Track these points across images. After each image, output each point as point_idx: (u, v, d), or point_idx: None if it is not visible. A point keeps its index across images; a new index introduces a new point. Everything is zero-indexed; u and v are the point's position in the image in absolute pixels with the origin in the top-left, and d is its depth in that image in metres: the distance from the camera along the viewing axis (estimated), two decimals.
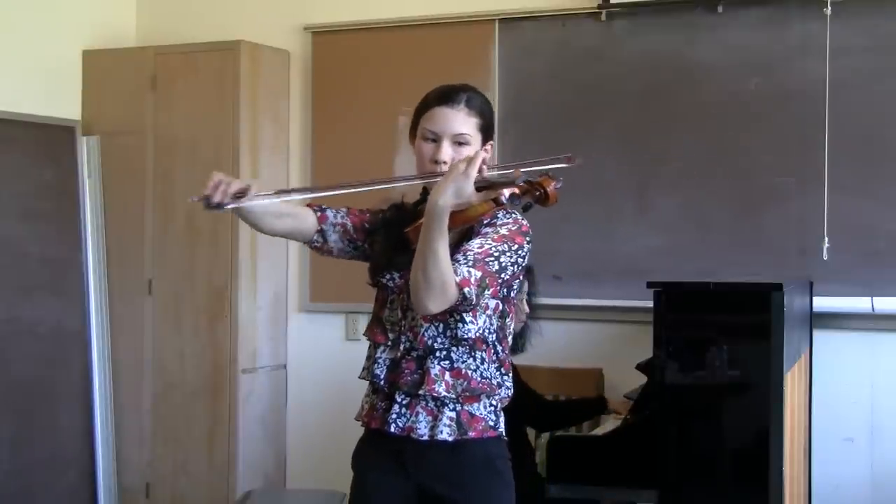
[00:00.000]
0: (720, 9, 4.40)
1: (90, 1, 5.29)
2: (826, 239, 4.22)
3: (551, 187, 2.22)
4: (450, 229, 2.25)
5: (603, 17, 4.56)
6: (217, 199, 2.33)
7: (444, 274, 2.22)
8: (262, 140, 5.03)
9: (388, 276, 2.47)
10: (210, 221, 4.91)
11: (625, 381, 4.24)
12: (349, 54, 5.01)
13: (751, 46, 4.37)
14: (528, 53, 4.72)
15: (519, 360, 4.07)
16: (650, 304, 3.48)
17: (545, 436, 4.13)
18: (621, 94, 4.57)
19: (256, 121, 4.99)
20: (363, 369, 2.53)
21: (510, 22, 4.73)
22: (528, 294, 3.94)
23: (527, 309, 3.92)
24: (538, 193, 2.23)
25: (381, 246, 2.51)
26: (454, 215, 2.24)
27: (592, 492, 3.65)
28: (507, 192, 2.24)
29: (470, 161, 2.24)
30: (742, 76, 4.38)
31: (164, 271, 5.06)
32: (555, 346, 4.26)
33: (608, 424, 3.96)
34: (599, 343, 4.58)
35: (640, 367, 3.93)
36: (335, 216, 2.56)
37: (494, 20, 4.74)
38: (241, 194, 2.35)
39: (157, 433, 5.08)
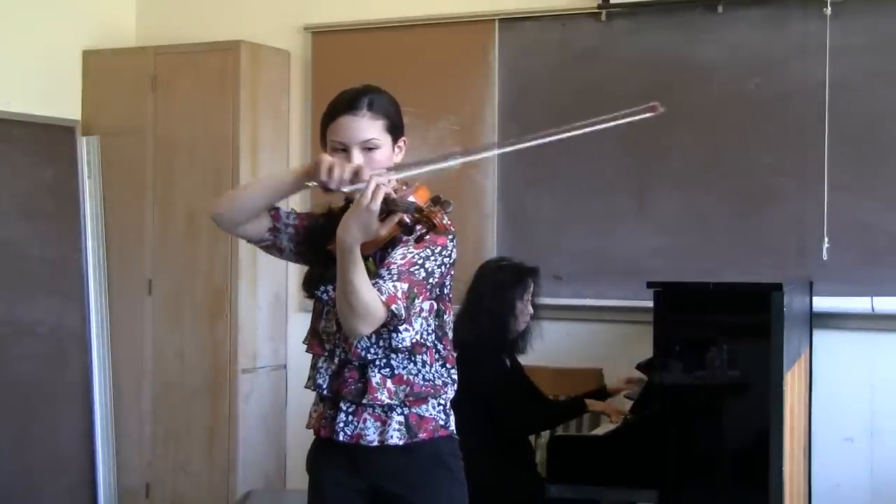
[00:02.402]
0: (720, 9, 4.40)
1: (90, 1, 5.29)
2: (826, 239, 4.22)
3: (437, 219, 2.17)
4: (364, 254, 2.25)
5: (603, 17, 4.56)
6: (334, 185, 2.28)
7: (367, 301, 2.22)
8: (262, 140, 5.03)
9: (321, 289, 2.46)
10: (210, 221, 4.89)
11: None
12: (349, 54, 5.00)
13: (751, 46, 4.37)
14: (528, 53, 4.72)
15: (519, 360, 4.08)
16: (650, 304, 3.48)
17: (545, 436, 4.14)
18: (621, 94, 4.55)
19: (256, 121, 4.99)
20: (308, 379, 2.53)
21: (510, 22, 4.73)
22: (533, 295, 3.95)
23: (531, 310, 3.93)
24: (428, 225, 2.19)
25: (310, 259, 2.51)
26: (366, 243, 2.24)
27: (592, 492, 3.64)
28: (406, 218, 2.20)
29: (372, 195, 2.19)
30: (742, 76, 4.38)
31: (164, 271, 5.06)
32: (555, 346, 4.26)
33: (608, 424, 3.96)
34: (599, 343, 4.58)
35: (640, 367, 3.93)
36: (287, 217, 2.54)
37: (494, 20, 4.74)
38: (356, 176, 2.28)
39: (157, 433, 5.08)
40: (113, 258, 5.14)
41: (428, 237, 2.27)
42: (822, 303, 4.24)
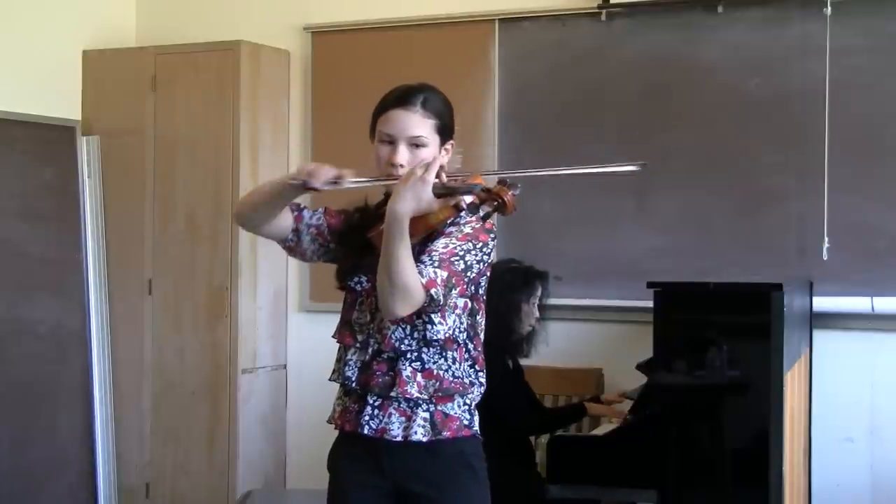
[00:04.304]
0: (720, 9, 4.40)
1: (90, 1, 5.29)
2: (826, 239, 4.22)
3: (508, 196, 2.20)
4: (412, 236, 2.25)
5: (603, 17, 4.56)
6: (317, 185, 2.34)
7: (409, 278, 2.22)
8: (262, 140, 5.03)
9: (355, 280, 2.47)
10: (210, 221, 4.92)
11: (625, 381, 4.24)
12: (349, 54, 5.00)
13: (751, 46, 4.37)
14: (528, 53, 4.72)
15: (520, 360, 4.08)
16: (650, 304, 3.48)
17: (545, 436, 4.14)
18: (621, 94, 4.57)
19: (256, 121, 4.99)
20: (333, 371, 2.53)
21: (510, 22, 4.73)
22: (540, 299, 3.94)
23: (537, 314, 3.92)
24: (496, 203, 2.22)
25: (346, 250, 2.51)
26: (416, 222, 2.25)
27: (592, 492, 3.64)
28: (467, 199, 2.25)
29: (427, 166, 2.25)
30: (742, 76, 4.38)
31: (164, 271, 5.06)
32: (555, 346, 4.26)
33: (608, 424, 3.96)
34: (599, 343, 4.58)
35: (640, 367, 3.93)
36: (311, 217, 2.55)
37: (494, 20, 4.74)
38: (336, 181, 2.35)
39: (157, 433, 5.08)
40: (113, 258, 5.14)
41: (486, 220, 2.30)
42: (822, 303, 4.24)
